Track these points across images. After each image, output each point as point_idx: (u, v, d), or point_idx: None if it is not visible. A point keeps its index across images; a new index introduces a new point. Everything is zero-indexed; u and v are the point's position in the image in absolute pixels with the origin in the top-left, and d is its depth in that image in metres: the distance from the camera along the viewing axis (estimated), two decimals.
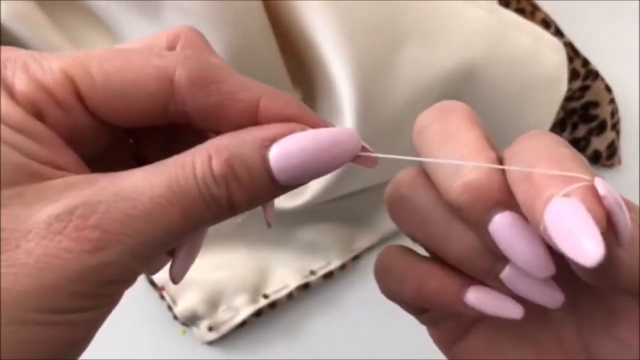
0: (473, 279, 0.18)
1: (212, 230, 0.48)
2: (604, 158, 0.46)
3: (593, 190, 0.15)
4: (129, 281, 0.16)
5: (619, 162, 0.47)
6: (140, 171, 0.15)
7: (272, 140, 0.16)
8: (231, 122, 0.16)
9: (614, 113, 0.46)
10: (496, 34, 0.38)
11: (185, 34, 0.18)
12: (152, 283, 0.42)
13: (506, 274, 0.17)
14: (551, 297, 0.17)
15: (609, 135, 0.46)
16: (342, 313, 0.43)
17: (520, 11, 0.45)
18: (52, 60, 0.15)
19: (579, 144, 0.46)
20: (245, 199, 0.16)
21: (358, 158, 0.17)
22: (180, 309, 0.41)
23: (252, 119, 0.16)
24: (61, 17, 0.38)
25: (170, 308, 0.41)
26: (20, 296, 0.14)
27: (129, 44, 0.18)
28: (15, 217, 0.14)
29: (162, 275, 0.42)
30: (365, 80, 0.34)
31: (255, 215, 0.43)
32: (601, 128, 0.46)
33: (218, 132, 0.16)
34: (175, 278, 0.19)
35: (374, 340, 0.43)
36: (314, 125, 0.16)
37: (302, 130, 0.16)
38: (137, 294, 0.42)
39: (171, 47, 0.18)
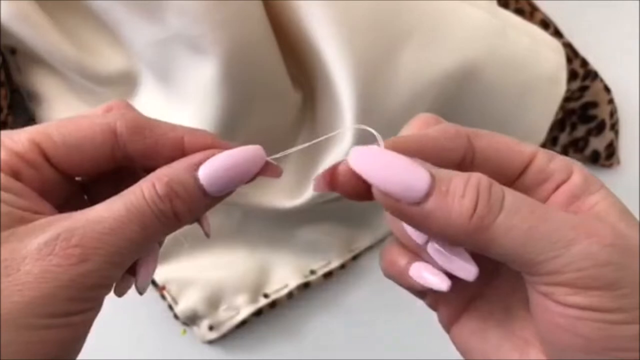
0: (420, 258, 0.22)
1: (212, 230, 0.48)
2: (603, 158, 0.46)
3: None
4: (108, 286, 0.20)
5: (618, 162, 0.47)
6: (101, 204, 0.20)
7: (199, 164, 0.20)
8: (165, 158, 0.21)
9: (613, 113, 0.46)
10: (495, 35, 0.38)
11: (117, 102, 0.23)
12: (153, 283, 0.42)
13: (429, 248, 0.21)
14: (464, 270, 0.20)
15: (608, 135, 0.46)
16: (342, 312, 0.44)
17: (519, 12, 0.45)
18: (19, 133, 0.20)
19: (577, 144, 0.46)
20: (187, 210, 0.20)
21: (265, 170, 0.22)
22: (181, 308, 0.41)
23: (180, 152, 0.21)
24: (61, 17, 0.39)
25: (170, 307, 0.42)
26: (26, 306, 0.17)
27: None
28: (12, 249, 0.18)
29: (162, 275, 0.42)
30: (365, 81, 0.35)
31: (255, 215, 0.43)
32: (600, 128, 0.46)
33: (155, 169, 0.21)
34: (142, 289, 0.23)
35: (374, 340, 0.43)
36: (227, 149, 0.21)
37: (219, 153, 0.21)
38: (137, 293, 0.42)
39: (108, 112, 0.23)
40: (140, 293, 0.23)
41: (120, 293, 0.23)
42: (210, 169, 0.20)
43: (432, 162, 0.19)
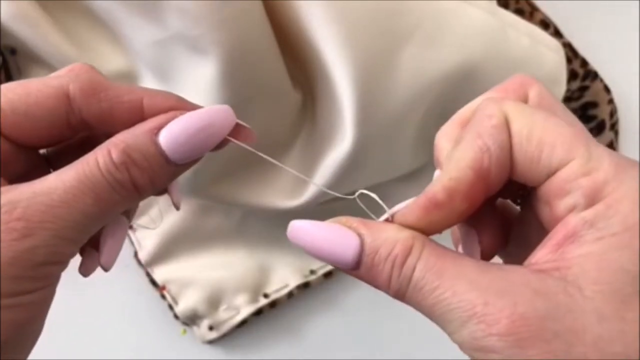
0: None
1: (212, 230, 0.48)
2: None
3: None
4: (61, 262, 0.18)
5: None
6: (52, 174, 0.18)
7: (159, 127, 0.19)
8: (123, 122, 0.19)
9: (613, 113, 0.46)
10: (495, 35, 0.38)
11: (79, 65, 0.21)
12: (153, 282, 0.42)
13: None
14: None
15: (608, 135, 0.46)
16: (342, 312, 0.44)
17: (519, 12, 0.45)
18: None
19: None
20: (147, 180, 0.19)
21: (236, 134, 0.20)
22: (181, 308, 0.41)
23: (139, 116, 0.19)
24: (61, 17, 0.39)
25: (170, 307, 0.42)
26: None
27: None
28: None
29: (162, 275, 0.42)
30: (365, 81, 0.35)
31: (255, 215, 0.43)
32: (600, 128, 0.46)
33: (114, 135, 0.19)
34: (106, 266, 0.21)
35: (374, 340, 0.43)
36: (192, 110, 0.19)
37: (182, 114, 0.19)
38: (137, 293, 0.42)
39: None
40: (105, 270, 0.21)
41: (85, 272, 0.21)
42: (173, 133, 0.19)
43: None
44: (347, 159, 0.36)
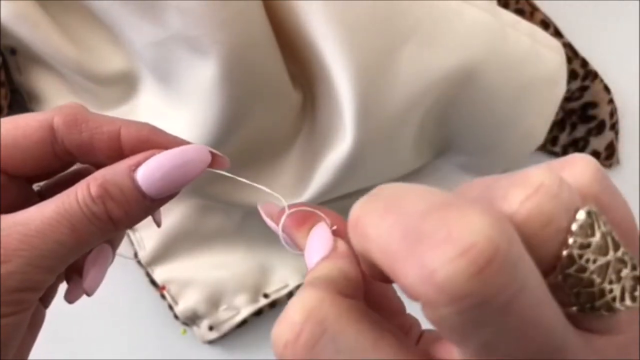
0: None
1: (212, 230, 0.48)
2: (603, 158, 0.46)
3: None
4: (35, 289, 0.19)
5: (618, 162, 0.47)
6: (34, 206, 0.19)
7: (137, 165, 0.20)
8: (103, 151, 0.21)
9: (613, 113, 0.46)
10: (495, 35, 0.38)
11: (69, 103, 0.22)
12: (153, 282, 0.42)
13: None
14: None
15: (608, 135, 0.46)
16: None
17: (520, 12, 0.45)
18: None
19: (577, 144, 0.46)
20: (122, 213, 0.20)
21: (213, 165, 0.22)
22: (181, 308, 0.41)
23: (117, 145, 0.21)
24: (61, 17, 0.39)
25: (170, 307, 0.42)
26: None
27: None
28: None
29: (162, 275, 0.42)
30: (365, 81, 0.35)
31: (255, 215, 0.43)
32: (600, 128, 0.46)
33: (96, 164, 0.21)
34: (89, 291, 0.22)
35: None
36: (167, 144, 0.21)
37: (159, 153, 0.20)
38: (137, 293, 0.42)
39: None
40: (88, 295, 0.22)
41: (71, 299, 0.22)
42: (149, 169, 0.20)
43: None
44: (347, 159, 0.36)
